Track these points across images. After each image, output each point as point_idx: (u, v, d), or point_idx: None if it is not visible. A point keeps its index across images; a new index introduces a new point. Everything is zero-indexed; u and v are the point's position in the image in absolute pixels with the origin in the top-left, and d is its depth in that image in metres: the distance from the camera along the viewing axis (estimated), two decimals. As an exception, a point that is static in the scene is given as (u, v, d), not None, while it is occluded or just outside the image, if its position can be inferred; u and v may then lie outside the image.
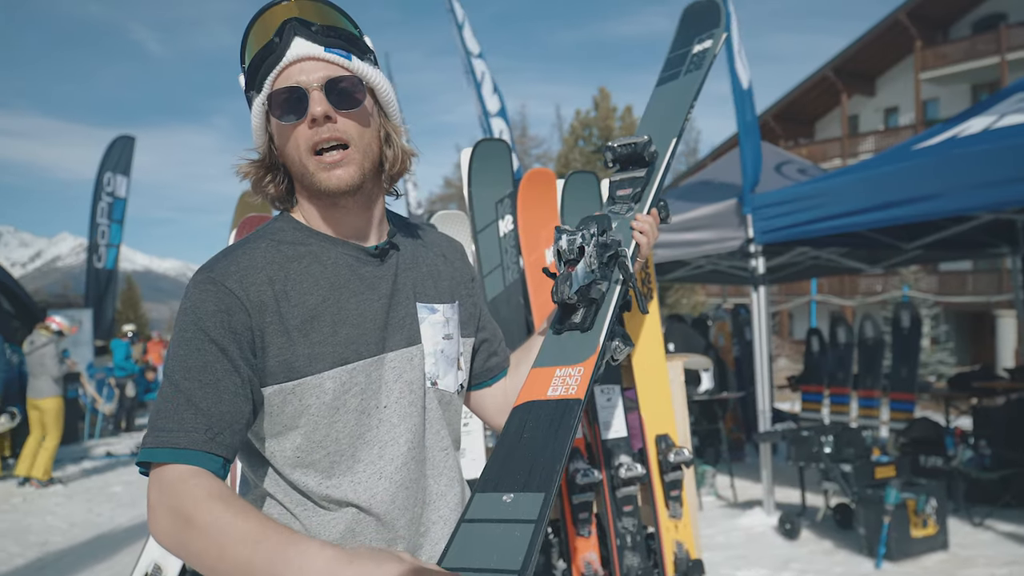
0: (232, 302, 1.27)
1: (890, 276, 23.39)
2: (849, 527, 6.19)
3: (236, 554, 1.09)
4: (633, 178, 1.83)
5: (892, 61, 28.47)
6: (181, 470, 1.19)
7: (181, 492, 1.17)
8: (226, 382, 1.25)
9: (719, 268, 9.49)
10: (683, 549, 2.91)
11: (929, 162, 5.51)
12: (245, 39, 1.35)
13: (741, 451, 9.74)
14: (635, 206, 1.80)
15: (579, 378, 1.48)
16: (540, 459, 1.32)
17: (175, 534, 1.16)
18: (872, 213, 5.77)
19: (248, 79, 1.36)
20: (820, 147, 29.15)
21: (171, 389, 1.24)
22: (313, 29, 1.30)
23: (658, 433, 2.97)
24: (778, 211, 6.45)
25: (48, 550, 6.43)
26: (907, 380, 9.05)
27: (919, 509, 5.56)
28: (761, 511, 6.76)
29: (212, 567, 1.12)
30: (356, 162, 1.33)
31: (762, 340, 6.86)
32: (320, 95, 1.29)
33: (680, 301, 25.66)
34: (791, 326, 29.67)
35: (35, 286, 71.47)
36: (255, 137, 1.39)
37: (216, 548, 1.11)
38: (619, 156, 1.86)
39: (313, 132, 1.30)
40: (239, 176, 1.42)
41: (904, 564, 5.43)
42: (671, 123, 1.97)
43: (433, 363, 1.46)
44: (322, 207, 1.39)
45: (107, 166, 15.32)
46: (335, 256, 1.38)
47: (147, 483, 1.22)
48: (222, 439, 1.23)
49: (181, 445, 1.20)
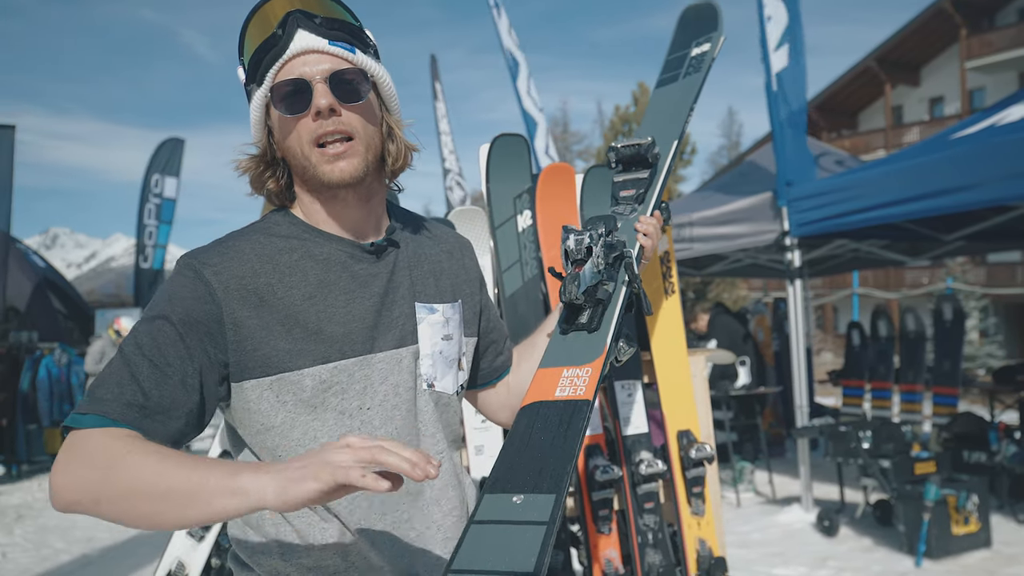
0: (203, 291, 1.26)
1: (936, 268, 22.95)
2: (889, 524, 6.09)
3: (174, 470, 1.08)
4: (636, 179, 1.84)
5: (937, 50, 27.90)
6: (109, 430, 1.16)
7: (107, 438, 1.14)
8: (175, 367, 1.22)
9: (758, 262, 9.39)
10: (706, 546, 2.88)
11: (967, 151, 5.39)
12: (244, 31, 1.34)
13: (782, 447, 9.63)
14: (638, 207, 1.79)
15: (587, 379, 1.46)
16: (550, 460, 1.30)
17: (94, 473, 1.12)
18: (909, 204, 5.66)
19: (249, 72, 1.34)
20: (863, 139, 28.67)
21: (120, 362, 1.22)
22: (316, 22, 1.29)
23: (680, 429, 2.94)
24: (813, 203, 6.37)
25: (93, 546, 6.56)
26: (950, 374, 8.86)
27: (960, 506, 5.45)
28: (799, 507, 6.68)
29: (145, 491, 1.09)
30: (360, 154, 1.32)
31: (798, 334, 6.77)
32: (324, 88, 1.28)
33: (721, 295, 25.40)
34: (836, 320, 29.24)
35: (90, 286, 72.92)
36: (254, 131, 1.37)
37: (151, 472, 1.08)
38: (622, 157, 1.86)
39: (317, 125, 1.29)
40: (237, 171, 1.40)
41: (945, 562, 5.33)
42: (672, 126, 1.97)
43: (430, 364, 1.43)
44: (321, 201, 1.37)
45: (155, 168, 15.61)
46: (328, 252, 1.36)
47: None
48: (153, 422, 1.19)
49: (111, 415, 1.17)
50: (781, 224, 6.65)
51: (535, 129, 11.47)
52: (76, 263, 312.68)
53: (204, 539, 3.03)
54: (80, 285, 25.12)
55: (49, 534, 6.96)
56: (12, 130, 11.24)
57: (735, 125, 44.21)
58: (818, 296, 25.18)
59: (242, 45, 1.35)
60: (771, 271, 10.06)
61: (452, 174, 14.72)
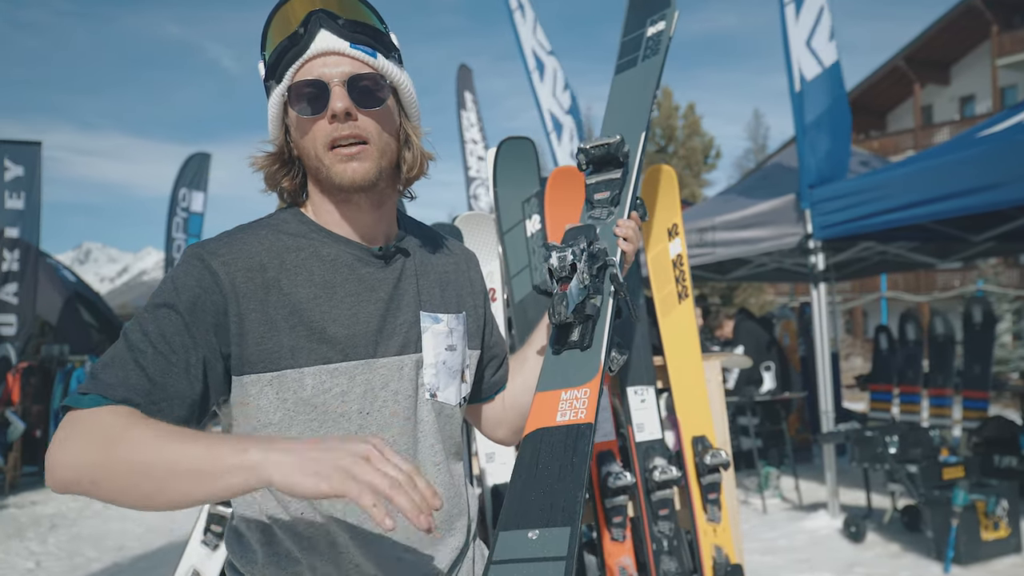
0: (211, 282, 1.25)
1: (968, 271, 22.62)
2: (917, 530, 5.98)
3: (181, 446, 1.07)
4: (609, 180, 1.77)
5: (967, 48, 27.59)
6: (111, 407, 1.15)
7: (108, 415, 1.13)
8: (180, 356, 1.21)
9: (783, 266, 9.29)
10: (723, 554, 2.84)
11: (994, 149, 5.29)
12: (267, 27, 1.33)
13: (809, 452, 9.52)
14: (615, 210, 1.72)
15: (586, 400, 1.43)
16: (559, 491, 1.28)
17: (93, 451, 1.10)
18: (934, 204, 5.57)
19: (269, 68, 1.34)
20: (892, 139, 28.38)
21: (124, 347, 1.21)
22: (340, 23, 1.28)
23: (695, 435, 2.91)
24: (837, 205, 6.29)
25: (124, 555, 6.61)
26: (980, 377, 8.71)
27: (989, 511, 5.35)
28: (826, 513, 6.58)
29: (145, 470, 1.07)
30: (373, 158, 1.30)
31: (823, 338, 6.69)
32: (342, 91, 1.27)
33: (747, 300, 25.21)
34: (865, 324, 28.90)
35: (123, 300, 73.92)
36: (271, 128, 1.37)
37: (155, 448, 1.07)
38: (593, 158, 1.78)
39: (332, 128, 1.28)
40: (253, 168, 1.40)
41: (974, 568, 5.22)
42: (637, 116, 1.88)
43: (434, 374, 1.41)
44: (334, 203, 1.36)
45: (182, 182, 15.81)
46: (335, 253, 1.35)
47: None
48: (158, 408, 1.18)
49: (115, 398, 1.15)
50: (804, 227, 6.57)
51: (561, 132, 11.33)
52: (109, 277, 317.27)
53: (219, 547, 3.05)
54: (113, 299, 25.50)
55: (82, 543, 7.03)
56: (39, 146, 11.41)
57: (761, 128, 43.98)
58: (846, 300, 24.90)
59: (264, 40, 1.34)
60: (797, 275, 9.96)
61: (478, 181, 14.74)
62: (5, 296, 10.74)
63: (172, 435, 1.09)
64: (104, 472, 1.10)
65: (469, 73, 16.05)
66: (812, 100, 6.62)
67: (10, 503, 8.82)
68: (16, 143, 11.33)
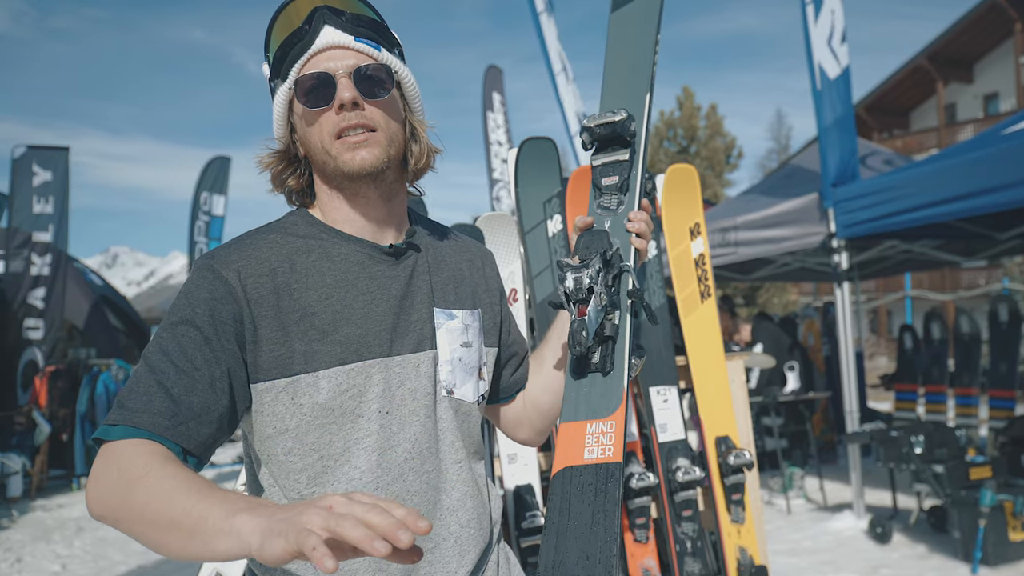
0: (225, 292, 1.26)
1: (993, 269, 22.37)
2: (944, 531, 5.93)
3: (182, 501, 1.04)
4: (617, 162, 1.63)
5: (991, 45, 27.26)
6: (135, 443, 1.16)
7: (131, 455, 1.14)
8: (203, 371, 1.21)
9: (807, 265, 9.23)
10: (746, 555, 2.84)
11: (1018, 146, 5.23)
12: (270, 28, 1.35)
13: (834, 453, 9.46)
14: (624, 198, 1.60)
15: (613, 436, 1.39)
16: (594, 540, 1.27)
17: (116, 493, 1.11)
18: (959, 202, 5.51)
19: (274, 68, 1.35)
20: (916, 138, 28.11)
21: (145, 370, 1.21)
22: (343, 18, 1.31)
23: (718, 435, 2.90)
24: (860, 204, 6.24)
25: (149, 558, 6.65)
26: (1007, 376, 8.61)
27: (1018, 511, 5.28)
28: (851, 514, 6.53)
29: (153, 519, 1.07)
30: (381, 145, 1.32)
31: (847, 338, 6.64)
32: (348, 82, 1.29)
33: (771, 301, 25.06)
34: (890, 323, 28.65)
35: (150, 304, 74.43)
36: (276, 127, 1.38)
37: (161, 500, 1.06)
38: (598, 137, 1.63)
39: (340, 118, 1.29)
40: (259, 167, 1.40)
41: (1002, 569, 5.16)
42: (639, 70, 1.68)
43: (449, 371, 1.41)
44: (342, 197, 1.37)
45: (203, 186, 15.94)
46: (346, 252, 1.36)
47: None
48: (186, 428, 1.19)
49: (142, 426, 1.16)
50: (828, 226, 6.53)
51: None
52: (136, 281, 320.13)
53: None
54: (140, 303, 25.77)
55: (108, 547, 7.09)
56: (66, 152, 11.55)
57: (784, 128, 43.73)
58: (871, 299, 24.70)
59: (268, 41, 1.36)
60: (820, 274, 9.90)
61: (501, 184, 14.71)
62: (33, 300, 10.88)
63: (178, 488, 1.06)
64: (123, 514, 1.12)
65: (499, 74, 15.90)
66: (833, 99, 6.59)
67: (37, 506, 8.91)
68: (45, 148, 11.48)
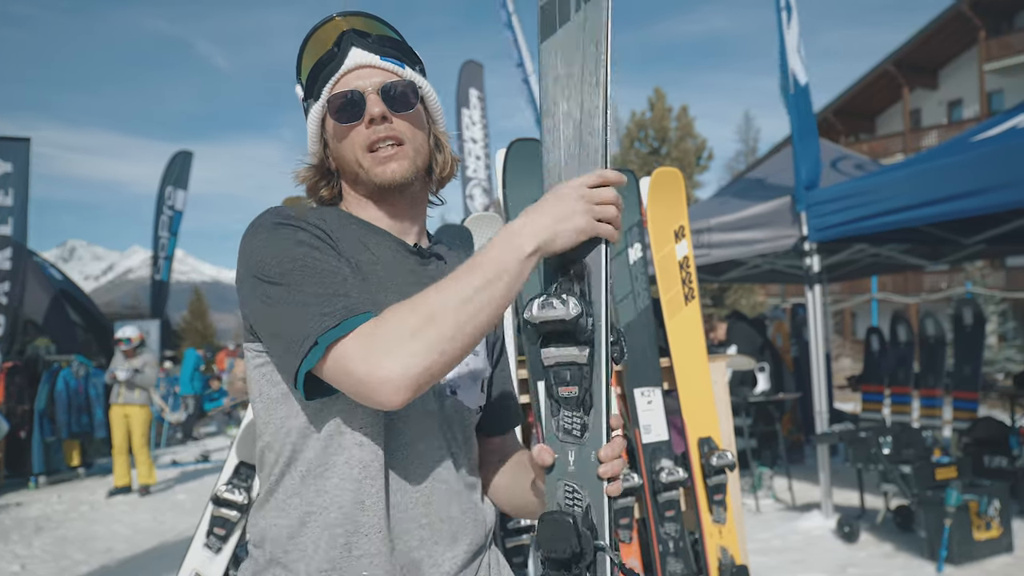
0: (315, 231, 1.30)
1: (955, 273, 22.81)
2: (910, 530, 6.04)
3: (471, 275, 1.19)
4: (573, 364, 1.24)
5: (955, 53, 27.81)
6: (364, 327, 1.19)
7: (397, 315, 1.19)
8: (342, 269, 1.27)
9: (776, 267, 9.34)
10: (728, 555, 2.87)
11: (988, 153, 5.34)
12: (301, 53, 1.44)
13: (801, 453, 9.58)
14: (588, 419, 1.25)
15: None
16: None
17: (425, 335, 1.16)
18: (929, 207, 5.62)
19: (307, 89, 1.44)
20: (882, 142, 28.59)
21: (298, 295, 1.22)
22: (369, 40, 1.40)
23: (701, 436, 2.93)
24: (833, 208, 6.33)
25: (113, 557, 6.56)
26: (970, 378, 8.80)
27: (982, 511, 5.39)
28: (819, 514, 6.62)
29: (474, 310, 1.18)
30: (409, 157, 1.39)
31: (818, 340, 6.73)
32: (377, 98, 1.37)
33: (739, 302, 25.31)
34: (854, 325, 29.07)
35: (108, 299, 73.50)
36: (311, 144, 1.46)
37: (459, 290, 1.18)
38: (544, 334, 1.26)
39: (370, 131, 1.37)
40: (296, 181, 1.48)
41: (967, 568, 5.28)
42: (589, 128, 1.28)
43: (456, 373, 1.45)
44: (372, 205, 1.44)
45: (168, 180, 15.78)
46: (378, 241, 1.42)
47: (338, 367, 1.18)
48: (372, 301, 1.24)
49: (362, 310, 1.20)
50: (800, 229, 6.61)
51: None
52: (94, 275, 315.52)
53: (222, 551, 3.03)
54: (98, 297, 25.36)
55: (68, 545, 6.98)
56: (27, 143, 11.30)
57: (752, 130, 44.07)
58: (836, 301, 25.04)
59: (300, 65, 1.45)
60: (789, 276, 10.01)
61: (474, 182, 14.67)
62: (-5, 295, 10.64)
63: (452, 279, 1.21)
64: (444, 336, 1.17)
65: (478, 69, 15.73)
66: (806, 104, 6.68)
67: (-7, 505, 8.76)
68: (5, 139, 11.25)
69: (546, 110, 1.35)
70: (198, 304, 43.66)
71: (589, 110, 1.28)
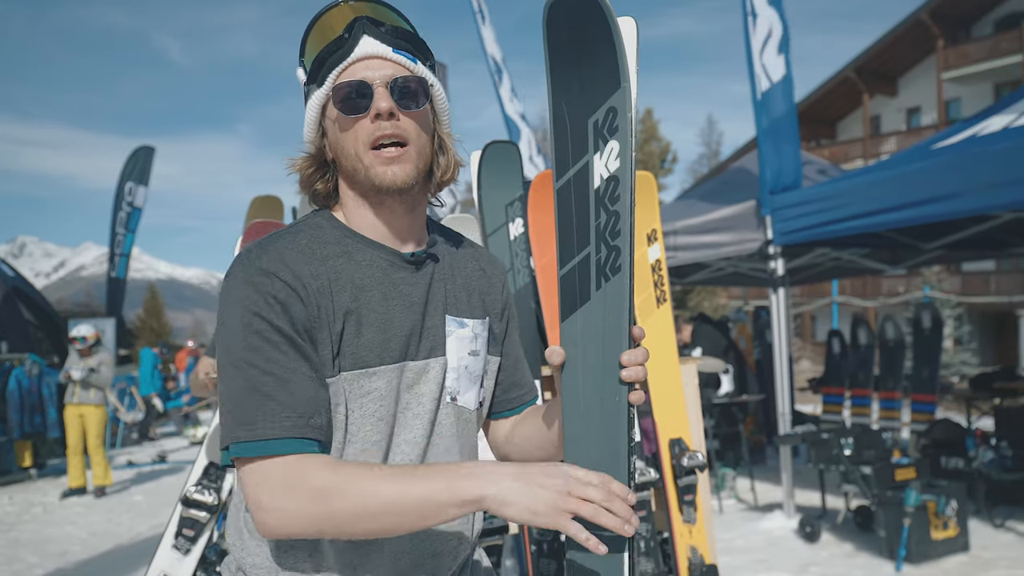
0: (289, 295, 1.27)
1: (912, 277, 23.23)
2: (869, 529, 6.14)
3: (399, 489, 1.16)
4: None
5: (914, 61, 28.31)
6: (285, 459, 1.20)
7: (300, 471, 1.19)
8: (302, 371, 1.25)
9: (740, 270, 9.45)
10: (697, 554, 2.90)
11: (949, 161, 5.46)
12: (307, 34, 1.37)
13: (762, 454, 9.69)
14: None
15: None
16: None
17: (311, 510, 1.18)
18: (892, 213, 5.73)
19: (311, 73, 1.37)
20: (842, 148, 29.00)
21: (245, 384, 1.23)
22: (382, 30, 1.33)
23: (672, 437, 2.96)
24: (797, 212, 6.42)
25: (68, 560, 6.42)
26: (928, 381, 8.98)
27: (940, 511, 5.50)
28: (781, 514, 6.71)
29: (371, 515, 1.16)
30: (412, 161, 1.33)
31: (782, 342, 6.82)
32: (385, 92, 1.31)
33: (702, 304, 25.55)
34: (813, 328, 29.48)
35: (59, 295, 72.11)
36: (308, 132, 1.40)
37: (375, 495, 1.16)
38: None
39: (375, 127, 1.31)
40: (289, 170, 1.42)
41: (925, 566, 5.38)
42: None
43: (455, 378, 1.43)
44: (368, 206, 1.38)
45: (127, 176, 15.45)
46: (369, 257, 1.37)
47: (241, 479, 1.23)
48: (314, 422, 1.24)
49: (277, 436, 1.20)
50: (765, 233, 6.69)
51: (518, 136, 11.51)
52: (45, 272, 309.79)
53: (191, 552, 3.00)
54: (49, 295, 24.76)
55: (21, 548, 6.82)
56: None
57: (715, 134, 44.53)
58: (796, 304, 25.38)
59: (304, 47, 1.38)
60: (753, 279, 10.13)
61: None
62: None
63: (384, 478, 1.18)
64: (328, 524, 1.19)
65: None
66: (771, 109, 6.76)
67: (-56, 508, 8.56)
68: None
69: None
70: (153, 302, 42.84)
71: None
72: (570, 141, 1.31)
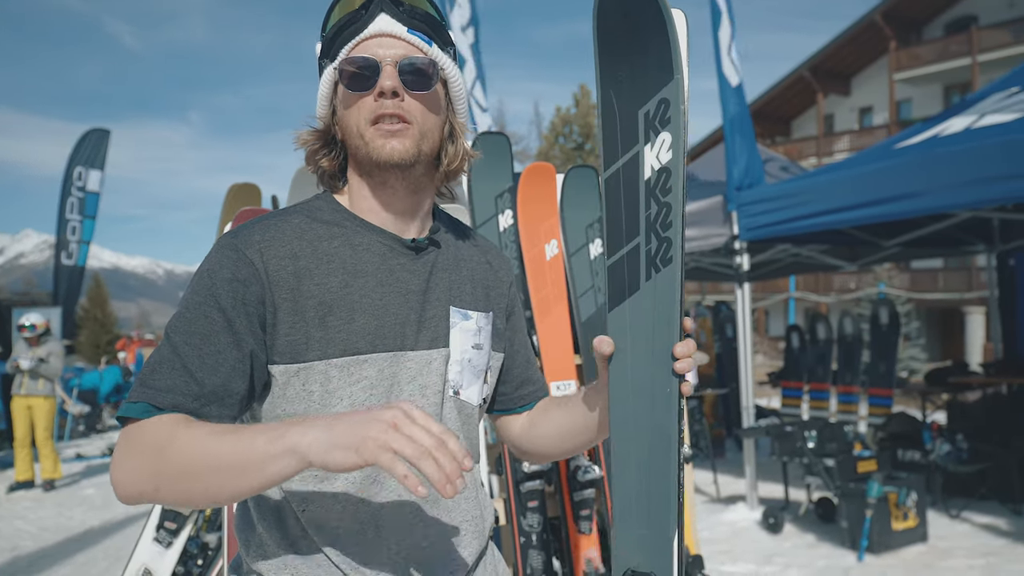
0: (249, 272, 1.25)
1: (864, 274, 23.67)
2: (831, 521, 6.26)
3: (221, 444, 1.10)
4: None
5: (867, 61, 28.82)
6: (158, 418, 1.16)
7: (155, 426, 1.15)
8: (226, 355, 1.21)
9: (701, 265, 9.53)
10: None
11: (912, 160, 5.57)
12: (331, 8, 1.35)
13: (722, 447, 9.81)
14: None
15: None
16: None
17: (147, 463, 1.13)
18: (856, 211, 5.84)
19: (324, 47, 1.35)
20: (796, 146, 29.41)
21: (169, 350, 1.21)
22: (401, 8, 1.31)
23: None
24: (763, 208, 6.50)
25: (18, 555, 6.28)
26: (885, 376, 9.18)
27: (900, 502, 5.64)
28: (744, 506, 6.81)
29: (196, 471, 1.11)
30: (414, 138, 1.30)
31: (746, 337, 6.91)
32: (392, 71, 1.29)
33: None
34: (767, 323, 29.92)
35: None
36: (319, 107, 1.37)
37: (200, 450, 1.11)
38: None
39: (377, 105, 1.28)
40: (296, 144, 1.39)
41: (885, 556, 5.50)
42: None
43: (458, 371, 1.40)
44: (370, 186, 1.36)
45: (77, 160, 15.00)
46: (368, 242, 1.34)
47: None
48: (209, 411, 1.20)
49: (166, 406, 1.17)
50: (731, 228, 6.77)
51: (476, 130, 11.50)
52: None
53: (172, 545, 2.95)
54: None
55: (-20, 540, 6.67)
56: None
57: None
58: (753, 300, 25.69)
59: (326, 20, 1.35)
60: (713, 274, 10.24)
61: None
62: None
63: (212, 433, 1.12)
64: (161, 480, 1.13)
65: None
66: (737, 106, 6.85)
67: None
68: None
69: None
70: (97, 292, 41.78)
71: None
72: (619, 131, 1.31)
